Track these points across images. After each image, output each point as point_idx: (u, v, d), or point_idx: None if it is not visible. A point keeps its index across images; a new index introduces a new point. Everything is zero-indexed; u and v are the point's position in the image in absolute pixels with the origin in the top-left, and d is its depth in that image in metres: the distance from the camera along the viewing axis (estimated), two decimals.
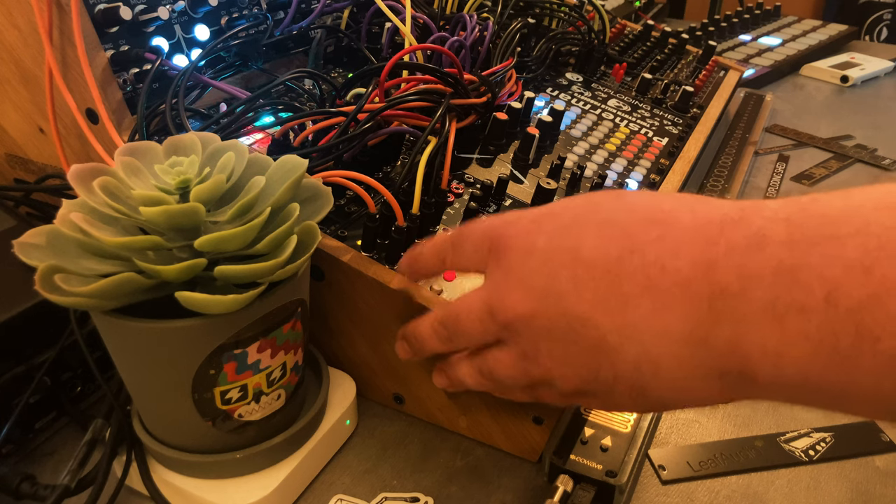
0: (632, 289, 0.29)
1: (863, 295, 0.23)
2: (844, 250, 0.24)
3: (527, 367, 0.34)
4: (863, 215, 0.25)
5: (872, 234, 0.24)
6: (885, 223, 0.24)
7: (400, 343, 0.42)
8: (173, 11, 0.51)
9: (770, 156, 0.88)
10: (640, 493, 0.43)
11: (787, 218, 0.26)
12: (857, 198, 0.26)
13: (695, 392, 0.29)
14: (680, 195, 0.32)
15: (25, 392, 0.42)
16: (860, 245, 0.24)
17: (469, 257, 0.36)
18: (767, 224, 0.27)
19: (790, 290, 0.25)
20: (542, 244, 0.32)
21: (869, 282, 0.23)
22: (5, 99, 0.51)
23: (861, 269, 0.24)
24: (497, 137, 0.57)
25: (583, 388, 0.32)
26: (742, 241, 0.27)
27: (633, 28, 0.95)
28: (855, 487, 0.43)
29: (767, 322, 0.25)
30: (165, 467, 0.40)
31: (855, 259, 0.24)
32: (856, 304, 0.23)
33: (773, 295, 0.25)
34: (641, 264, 0.29)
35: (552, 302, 0.31)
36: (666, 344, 0.28)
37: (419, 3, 0.66)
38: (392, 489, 0.42)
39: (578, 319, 0.30)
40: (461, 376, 0.39)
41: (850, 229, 0.24)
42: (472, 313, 0.35)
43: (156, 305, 0.33)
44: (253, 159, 0.38)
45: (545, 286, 0.31)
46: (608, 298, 0.30)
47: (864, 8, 2.37)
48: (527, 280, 0.32)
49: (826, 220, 0.25)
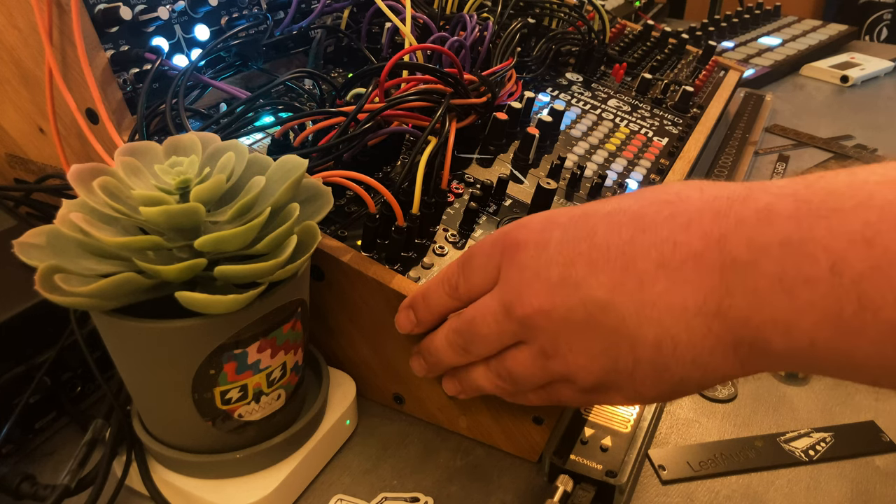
0: (647, 266, 0.30)
1: (865, 266, 0.24)
2: (848, 223, 0.25)
3: (546, 365, 0.34)
4: (866, 189, 0.25)
5: (874, 207, 0.25)
6: (886, 197, 0.25)
7: (415, 358, 0.42)
8: (173, 11, 0.51)
9: (770, 156, 0.88)
10: (640, 493, 0.43)
11: (794, 193, 0.27)
12: (861, 174, 0.26)
13: (712, 367, 0.30)
14: (687, 181, 0.33)
15: (25, 392, 0.42)
16: (862, 218, 0.25)
17: (480, 271, 0.36)
18: (775, 200, 0.27)
19: (797, 262, 0.26)
20: (557, 236, 0.33)
21: (871, 253, 0.24)
22: (5, 99, 0.51)
23: (863, 241, 0.24)
24: (497, 137, 0.57)
25: (603, 379, 0.33)
26: (751, 214, 0.28)
27: (633, 28, 0.95)
28: (855, 487, 0.43)
29: (777, 293, 0.26)
30: (165, 467, 0.40)
31: (857, 231, 0.25)
32: (858, 274, 0.24)
33: (782, 266, 0.26)
34: (654, 241, 0.30)
35: (570, 291, 0.31)
36: (683, 318, 0.29)
37: (419, 3, 0.66)
38: (392, 489, 0.42)
39: (597, 305, 0.31)
40: (477, 380, 0.38)
41: (853, 203, 0.25)
42: (487, 315, 0.35)
43: (156, 305, 0.33)
44: (253, 159, 0.38)
45: (562, 275, 0.32)
46: (624, 279, 0.30)
47: (864, 8, 2.37)
48: (543, 273, 0.32)
49: (831, 194, 0.26)
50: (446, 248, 0.46)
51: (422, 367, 0.41)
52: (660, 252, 0.29)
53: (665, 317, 0.29)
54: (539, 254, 0.33)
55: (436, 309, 0.39)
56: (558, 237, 0.33)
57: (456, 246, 0.46)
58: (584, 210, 0.34)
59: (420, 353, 0.41)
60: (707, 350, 0.29)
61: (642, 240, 0.30)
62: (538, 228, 0.34)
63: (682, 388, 0.32)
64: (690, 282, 0.29)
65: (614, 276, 0.30)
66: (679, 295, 0.29)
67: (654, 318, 0.29)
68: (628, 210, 0.32)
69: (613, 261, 0.30)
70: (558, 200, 0.55)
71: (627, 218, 0.31)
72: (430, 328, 0.40)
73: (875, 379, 0.27)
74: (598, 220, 0.32)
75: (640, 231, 0.30)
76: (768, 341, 0.27)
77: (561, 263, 0.32)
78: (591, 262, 0.31)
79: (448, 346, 0.38)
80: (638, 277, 0.30)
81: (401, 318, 0.41)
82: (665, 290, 0.29)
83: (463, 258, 0.37)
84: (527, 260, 0.33)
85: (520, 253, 0.34)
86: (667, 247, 0.29)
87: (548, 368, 0.34)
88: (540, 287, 0.32)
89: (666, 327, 0.29)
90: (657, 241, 0.30)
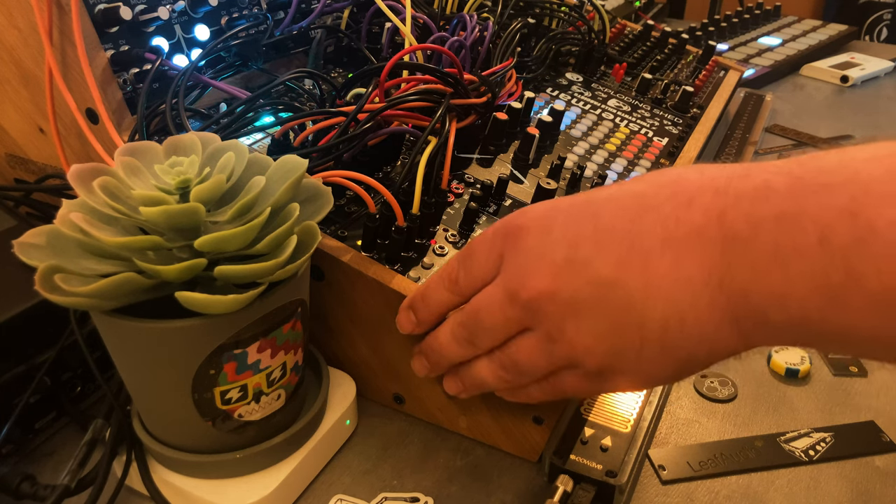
0: (652, 244, 0.30)
1: (850, 237, 0.26)
2: (835, 197, 0.26)
3: (552, 349, 0.34)
4: (853, 166, 0.27)
5: (860, 182, 0.26)
6: (872, 173, 0.26)
7: (417, 358, 0.42)
8: (173, 11, 0.51)
9: (770, 156, 0.88)
10: (640, 493, 0.43)
11: (789, 171, 0.28)
12: (850, 152, 0.28)
13: (718, 343, 0.30)
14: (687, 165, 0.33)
15: (25, 392, 0.42)
16: (848, 193, 0.26)
17: (482, 261, 0.36)
18: (772, 177, 0.29)
19: (790, 235, 0.27)
20: (561, 220, 0.34)
21: (855, 225, 0.25)
22: (5, 99, 0.51)
23: (849, 214, 0.26)
24: (497, 137, 0.57)
25: (609, 362, 0.33)
26: (749, 191, 0.29)
27: (633, 28, 0.95)
28: (855, 487, 0.43)
29: (772, 266, 0.27)
30: (165, 467, 0.40)
31: (843, 205, 0.26)
32: (844, 245, 0.26)
33: (776, 240, 0.27)
34: (658, 218, 0.31)
35: (576, 271, 0.32)
36: (690, 292, 0.30)
37: (419, 3, 0.66)
38: (392, 489, 0.42)
39: (605, 283, 0.31)
40: (480, 374, 0.38)
41: (841, 178, 0.27)
42: (492, 304, 0.35)
43: (156, 305, 0.33)
44: (253, 159, 0.38)
45: (568, 256, 0.32)
46: (631, 257, 0.31)
47: (864, 8, 2.37)
48: (547, 255, 0.33)
49: (822, 171, 0.28)
50: (446, 248, 0.46)
51: (424, 366, 0.41)
52: (664, 228, 0.30)
53: (672, 291, 0.30)
54: (543, 237, 0.33)
55: (436, 307, 0.39)
56: (562, 220, 0.33)
57: (456, 246, 0.46)
58: (587, 196, 0.34)
59: (422, 352, 0.41)
60: (713, 325, 0.30)
61: (646, 218, 0.31)
62: (541, 214, 0.35)
63: (688, 366, 0.32)
64: (694, 255, 0.29)
65: (621, 254, 0.31)
66: (685, 269, 0.30)
67: (661, 293, 0.30)
68: (631, 192, 0.32)
69: (619, 241, 0.31)
70: None
71: (630, 200, 0.32)
72: (430, 327, 0.40)
73: (866, 351, 0.29)
74: (601, 204, 0.33)
75: (644, 210, 0.31)
76: (766, 314, 0.28)
77: (566, 245, 0.32)
78: (597, 243, 0.32)
79: (453, 340, 0.38)
80: (644, 254, 0.30)
81: (401, 319, 0.41)
82: (671, 265, 0.30)
83: (463, 253, 0.37)
84: (530, 244, 0.34)
85: (522, 238, 0.34)
86: (670, 223, 0.30)
87: (553, 354, 0.34)
88: (545, 269, 0.33)
89: (673, 302, 0.30)
90: (661, 218, 0.30)
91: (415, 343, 0.42)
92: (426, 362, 0.41)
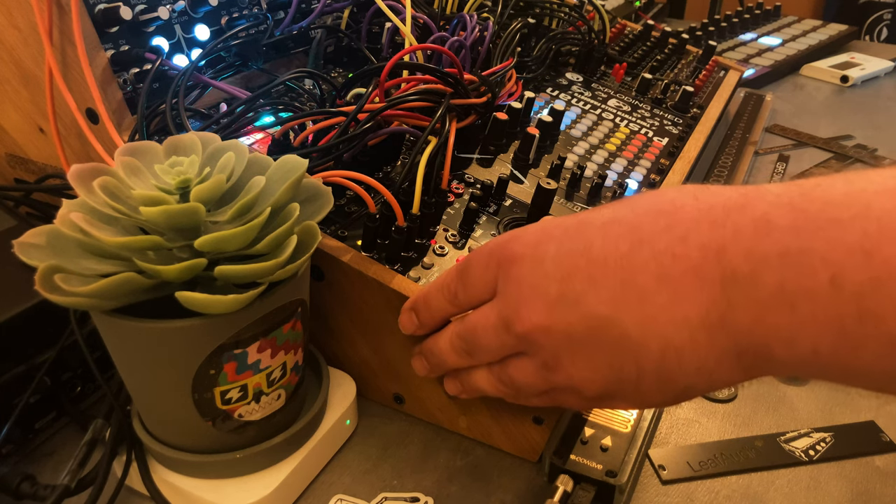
0: (646, 280, 0.29)
1: (864, 278, 0.24)
2: (846, 234, 0.25)
3: (548, 376, 0.34)
4: (864, 199, 0.25)
5: (873, 218, 0.24)
6: (885, 207, 0.24)
7: (417, 358, 0.42)
8: (173, 11, 0.51)
9: (770, 156, 0.88)
10: (640, 493, 0.43)
11: (791, 203, 0.27)
12: (858, 182, 0.26)
13: (717, 374, 0.30)
14: (681, 186, 0.32)
15: (25, 392, 0.42)
16: (861, 229, 0.24)
17: (477, 281, 0.36)
18: (772, 209, 0.27)
19: (797, 275, 0.25)
20: (552, 250, 0.32)
21: (870, 265, 0.24)
22: (5, 99, 0.51)
23: (862, 253, 0.24)
24: (497, 137, 0.57)
25: (607, 389, 0.32)
26: (749, 224, 0.27)
27: (633, 28, 0.95)
28: (855, 487, 0.43)
29: (778, 305, 0.26)
30: (165, 467, 0.40)
31: (856, 243, 0.24)
32: (858, 286, 0.24)
33: (781, 278, 0.26)
34: (652, 254, 0.29)
35: (569, 307, 0.31)
36: (687, 330, 0.29)
37: (419, 3, 0.65)
38: (392, 489, 0.42)
39: (599, 320, 0.30)
40: (479, 383, 0.38)
41: (851, 213, 0.25)
42: (487, 327, 0.35)
43: (156, 305, 0.33)
44: (253, 159, 0.38)
45: (560, 291, 0.31)
46: (625, 294, 0.30)
47: (864, 8, 2.37)
48: (540, 288, 0.32)
49: (829, 204, 0.26)
50: (446, 248, 0.46)
51: (424, 367, 0.41)
52: (659, 264, 0.29)
53: (668, 329, 0.29)
54: (535, 268, 0.33)
55: (437, 313, 0.39)
56: (554, 251, 0.32)
57: (456, 246, 0.46)
58: (579, 221, 0.33)
59: (422, 353, 0.41)
60: (712, 360, 0.29)
61: (640, 252, 0.30)
62: (533, 242, 0.34)
63: (686, 394, 0.32)
64: (692, 294, 0.28)
65: (614, 290, 0.30)
66: (681, 308, 0.29)
67: (657, 331, 0.29)
68: (624, 221, 0.31)
69: (612, 275, 0.30)
70: (558, 200, 0.55)
71: (624, 229, 0.31)
72: (432, 330, 0.40)
73: (879, 386, 0.27)
74: (593, 233, 0.32)
75: (638, 243, 0.30)
76: (771, 350, 0.27)
77: (558, 279, 0.31)
78: (590, 277, 0.31)
79: (451, 350, 0.38)
80: (639, 291, 0.29)
81: (404, 320, 0.41)
82: (667, 304, 0.29)
83: (460, 267, 0.37)
84: (523, 274, 0.33)
85: (515, 267, 0.33)
86: (665, 259, 0.29)
87: (550, 379, 0.34)
88: (538, 303, 0.32)
89: (670, 339, 0.29)
90: (655, 254, 0.29)
91: (415, 343, 0.42)
92: (426, 363, 0.41)
